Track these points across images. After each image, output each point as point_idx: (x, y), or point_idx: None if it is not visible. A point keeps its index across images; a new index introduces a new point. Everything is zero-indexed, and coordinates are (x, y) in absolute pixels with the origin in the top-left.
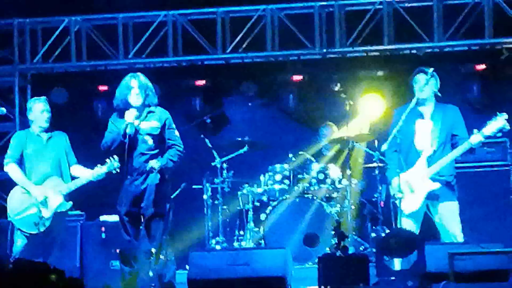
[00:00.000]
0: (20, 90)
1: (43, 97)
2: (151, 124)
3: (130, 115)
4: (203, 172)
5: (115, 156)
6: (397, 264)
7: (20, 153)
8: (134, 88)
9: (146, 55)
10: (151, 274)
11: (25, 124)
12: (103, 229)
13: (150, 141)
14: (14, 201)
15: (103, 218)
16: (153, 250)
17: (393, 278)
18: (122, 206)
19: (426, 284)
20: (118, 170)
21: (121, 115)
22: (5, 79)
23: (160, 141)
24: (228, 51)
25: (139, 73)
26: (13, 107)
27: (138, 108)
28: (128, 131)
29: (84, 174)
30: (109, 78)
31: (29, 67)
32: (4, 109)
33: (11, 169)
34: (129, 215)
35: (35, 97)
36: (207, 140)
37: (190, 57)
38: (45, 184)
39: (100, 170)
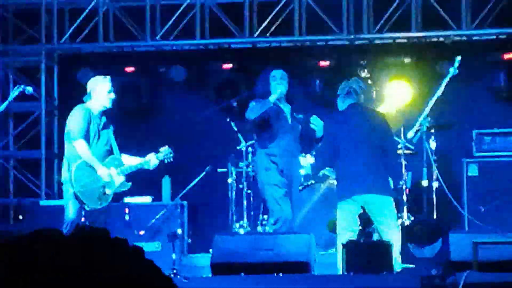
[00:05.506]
0: (47, 70)
1: (108, 77)
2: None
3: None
4: (228, 156)
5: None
6: (421, 252)
7: (87, 129)
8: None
9: (174, 38)
10: (174, 256)
11: (51, 104)
12: (126, 210)
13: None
14: (81, 173)
15: (127, 199)
16: (179, 230)
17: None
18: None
19: (450, 273)
20: (171, 160)
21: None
22: (32, 58)
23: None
24: (255, 35)
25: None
26: (39, 87)
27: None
28: None
29: (136, 160)
30: (136, 60)
31: (56, 47)
32: (31, 89)
33: (81, 145)
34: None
35: (100, 76)
36: (233, 124)
37: (217, 40)
38: (107, 162)
39: (155, 159)
